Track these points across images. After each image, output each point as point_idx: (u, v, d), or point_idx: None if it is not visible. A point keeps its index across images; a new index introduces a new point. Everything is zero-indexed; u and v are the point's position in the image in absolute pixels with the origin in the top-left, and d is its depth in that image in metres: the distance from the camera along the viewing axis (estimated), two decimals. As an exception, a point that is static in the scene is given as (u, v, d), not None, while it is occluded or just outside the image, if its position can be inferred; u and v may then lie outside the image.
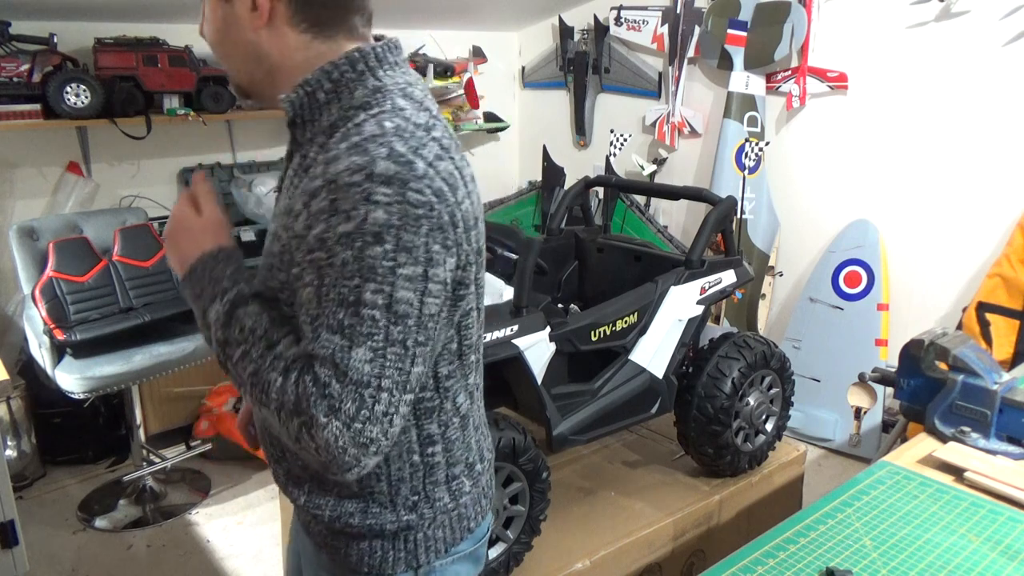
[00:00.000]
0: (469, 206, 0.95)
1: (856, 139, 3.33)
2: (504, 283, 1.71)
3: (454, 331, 1.01)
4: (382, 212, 0.84)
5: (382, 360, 0.87)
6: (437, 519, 1.07)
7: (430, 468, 1.05)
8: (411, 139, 0.89)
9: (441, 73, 4.11)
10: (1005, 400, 1.52)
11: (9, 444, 2.98)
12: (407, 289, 0.87)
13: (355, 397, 0.86)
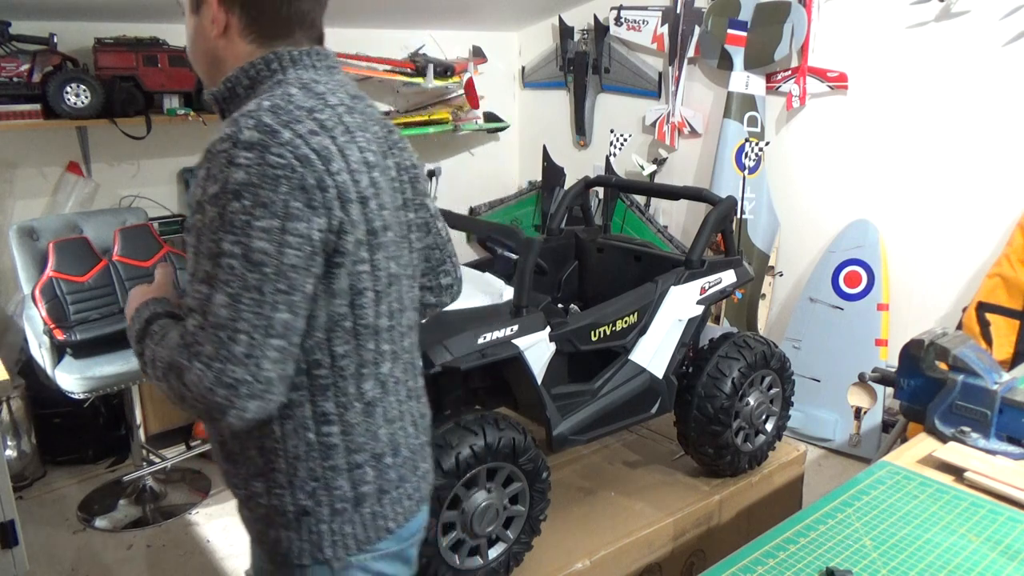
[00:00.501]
0: (350, 182, 1.02)
1: (856, 139, 3.33)
2: (504, 283, 1.71)
3: (347, 308, 1.06)
4: (242, 173, 0.94)
5: (238, 304, 0.94)
6: (338, 509, 1.09)
7: (327, 449, 1.08)
8: (283, 115, 1.00)
9: (441, 73, 4.11)
10: (1005, 400, 1.52)
11: (9, 444, 2.98)
12: (263, 240, 0.94)
13: (213, 339, 0.94)
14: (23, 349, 3.08)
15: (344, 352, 1.07)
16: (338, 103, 1.07)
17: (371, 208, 1.06)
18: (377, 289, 1.09)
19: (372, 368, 1.10)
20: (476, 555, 1.54)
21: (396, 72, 4.07)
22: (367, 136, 1.08)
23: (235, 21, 1.08)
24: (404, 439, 1.17)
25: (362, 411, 1.10)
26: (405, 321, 1.18)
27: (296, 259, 0.97)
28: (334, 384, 1.07)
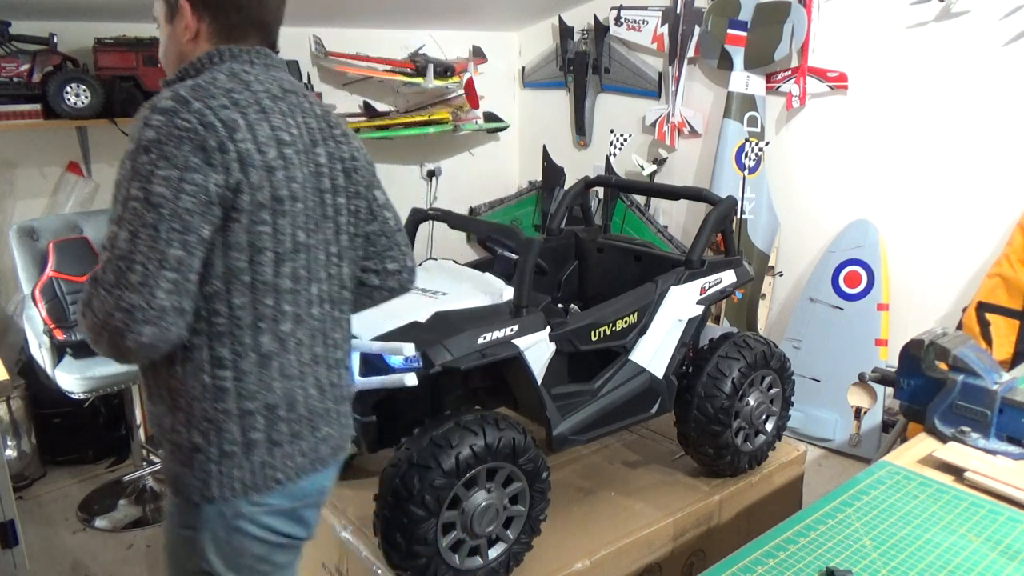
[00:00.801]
0: (255, 151, 1.18)
1: (856, 139, 3.33)
2: (504, 283, 1.71)
3: (246, 263, 1.19)
4: (152, 132, 1.11)
5: (136, 239, 1.10)
6: (226, 451, 1.21)
7: (220, 392, 1.20)
8: (200, 91, 1.16)
9: (441, 73, 4.11)
10: (1005, 400, 1.52)
11: (9, 444, 2.98)
12: (162, 186, 1.10)
13: (114, 269, 1.10)
14: (23, 349, 3.08)
15: (241, 304, 1.20)
16: (261, 90, 1.24)
17: (277, 178, 1.21)
18: (278, 251, 1.22)
19: (270, 324, 1.23)
20: (476, 555, 1.54)
21: (396, 72, 4.07)
22: (287, 121, 1.25)
23: (204, 27, 1.27)
24: (303, 398, 1.28)
25: (256, 362, 1.22)
26: (315, 290, 1.29)
27: (191, 204, 1.11)
28: (230, 332, 1.20)
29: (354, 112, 4.14)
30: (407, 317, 1.57)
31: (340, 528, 1.78)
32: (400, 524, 1.42)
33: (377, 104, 4.22)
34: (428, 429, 1.47)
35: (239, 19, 1.28)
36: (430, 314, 1.57)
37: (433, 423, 1.49)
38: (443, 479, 1.41)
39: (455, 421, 1.47)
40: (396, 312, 1.60)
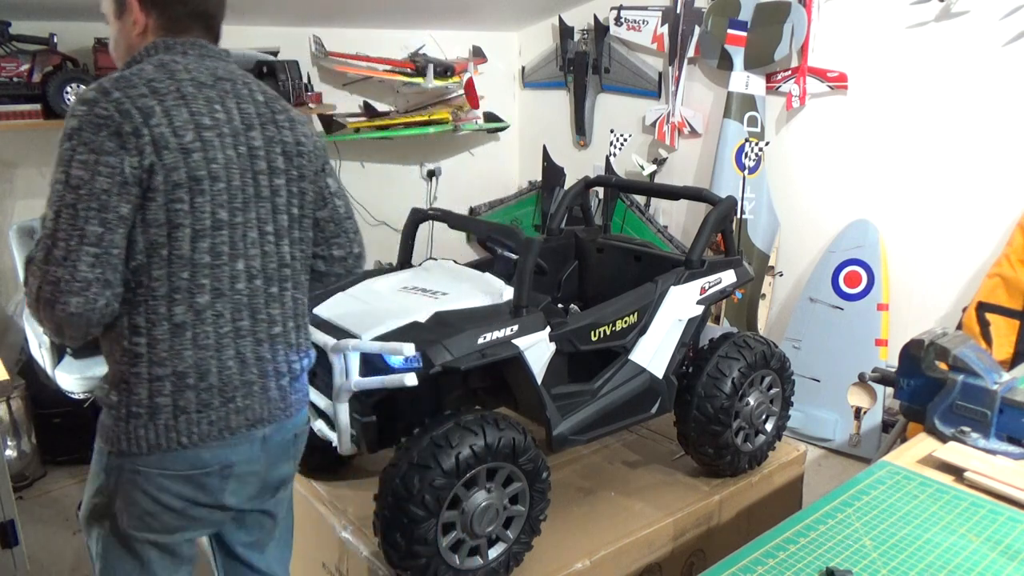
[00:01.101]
0: (170, 135, 1.27)
1: (856, 139, 3.33)
2: (504, 283, 1.71)
3: (164, 238, 1.28)
4: (76, 121, 1.23)
5: (59, 218, 1.21)
6: (132, 411, 1.31)
7: (134, 357, 1.30)
8: (123, 82, 1.26)
9: (441, 73, 4.11)
10: (1005, 400, 1.52)
11: (9, 444, 2.98)
12: (80, 168, 1.21)
13: (42, 247, 1.22)
14: (23, 349, 3.08)
15: (158, 276, 1.29)
16: (186, 78, 1.33)
17: (194, 159, 1.29)
18: (196, 227, 1.30)
19: (185, 295, 1.31)
20: (476, 555, 1.54)
21: (396, 72, 4.07)
22: (212, 107, 1.34)
23: (151, 22, 1.36)
24: (217, 369, 1.35)
25: (169, 330, 1.31)
26: (242, 266, 1.37)
27: (106, 184, 1.22)
28: (146, 302, 1.29)
29: (354, 112, 4.14)
30: (407, 317, 1.57)
31: (340, 528, 1.78)
32: (400, 524, 1.42)
33: (377, 104, 4.22)
34: (428, 429, 1.47)
35: (184, 12, 1.37)
36: (430, 314, 1.57)
37: (433, 423, 1.48)
38: (443, 479, 1.41)
39: (455, 421, 1.47)
40: (396, 312, 1.60)
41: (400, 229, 1.99)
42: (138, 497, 1.35)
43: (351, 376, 1.49)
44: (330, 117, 3.94)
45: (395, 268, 1.94)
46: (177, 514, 1.39)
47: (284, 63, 3.64)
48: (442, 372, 1.47)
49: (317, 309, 1.71)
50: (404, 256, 1.93)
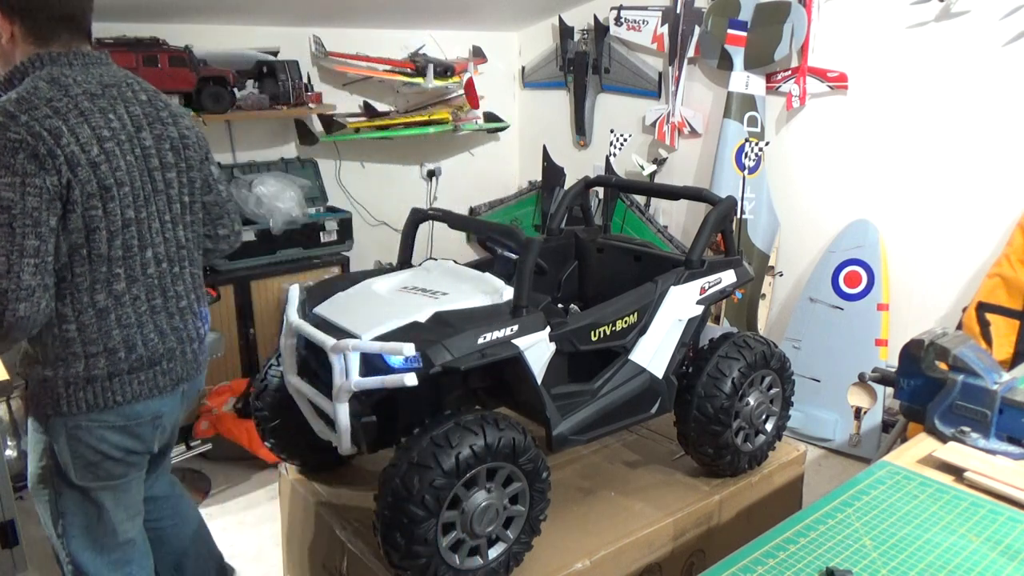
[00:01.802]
0: (79, 152, 1.42)
1: (856, 139, 3.33)
2: (504, 283, 1.71)
3: (83, 240, 1.47)
4: None
5: None
6: (71, 382, 1.53)
7: (66, 341, 1.52)
8: (24, 104, 1.39)
9: (441, 73, 4.11)
10: (1005, 400, 1.52)
11: (9, 444, 2.98)
12: (8, 191, 1.35)
13: None
14: (23, 349, 3.07)
15: (80, 272, 1.49)
16: (80, 92, 1.46)
17: (102, 171, 1.46)
18: (111, 229, 1.50)
19: (104, 285, 1.52)
20: (476, 555, 1.54)
21: (396, 72, 4.07)
22: (108, 117, 1.48)
23: (17, 29, 1.47)
24: (142, 342, 1.60)
25: (95, 315, 1.53)
26: (150, 254, 1.58)
27: (35, 202, 1.37)
28: (71, 294, 1.49)
29: (354, 112, 4.14)
30: (407, 317, 1.57)
31: (340, 528, 1.78)
32: (400, 524, 1.42)
33: (377, 104, 4.22)
34: (428, 429, 1.47)
35: (47, 17, 1.47)
36: (430, 314, 1.57)
37: (433, 423, 1.48)
38: (443, 479, 1.41)
39: (455, 421, 1.47)
40: (396, 312, 1.60)
41: (400, 229, 1.99)
42: (82, 450, 1.58)
43: (351, 376, 1.49)
44: (330, 117, 3.94)
45: (395, 268, 1.94)
46: (117, 462, 1.64)
47: (284, 63, 3.64)
48: (442, 372, 1.47)
49: (317, 309, 1.71)
50: (404, 256, 1.93)
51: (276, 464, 2.18)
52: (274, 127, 3.95)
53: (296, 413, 1.74)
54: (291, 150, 4.03)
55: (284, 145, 4.01)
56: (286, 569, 2.19)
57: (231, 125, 3.77)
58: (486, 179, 4.82)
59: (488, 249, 1.97)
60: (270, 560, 2.67)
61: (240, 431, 3.17)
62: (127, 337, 1.57)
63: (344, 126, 3.98)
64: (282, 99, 3.63)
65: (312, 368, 1.70)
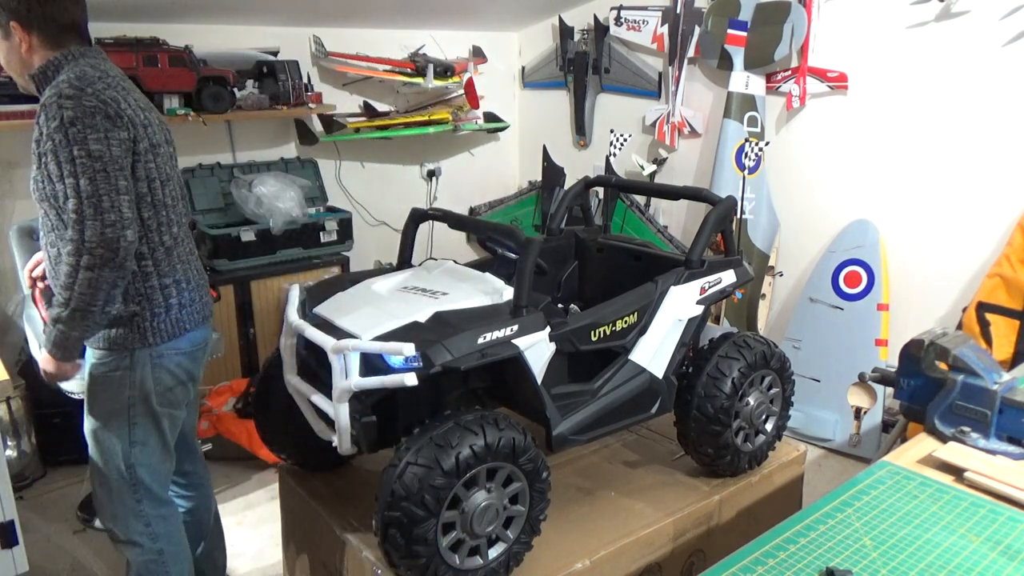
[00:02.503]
0: (134, 115, 1.75)
1: (856, 139, 3.33)
2: (504, 283, 1.71)
3: (147, 188, 1.78)
4: (69, 112, 1.64)
5: (95, 180, 1.64)
6: (155, 313, 1.83)
7: (145, 275, 1.82)
8: (83, 81, 1.68)
9: (441, 73, 4.11)
10: (1005, 400, 1.52)
11: (9, 444, 2.98)
12: (97, 143, 1.65)
13: (89, 205, 1.64)
14: (23, 349, 3.08)
15: (148, 216, 1.80)
16: (116, 75, 1.79)
17: (149, 132, 1.79)
18: (162, 179, 1.83)
19: (167, 227, 1.85)
20: (476, 555, 1.54)
21: (396, 72, 4.07)
22: (135, 96, 1.81)
23: (35, 39, 1.75)
24: (194, 276, 1.94)
25: (164, 252, 1.85)
26: (181, 207, 1.93)
27: (118, 151, 1.68)
28: (145, 235, 1.80)
29: (354, 112, 4.14)
30: (407, 317, 1.57)
31: (340, 528, 1.78)
32: (400, 524, 1.42)
33: (377, 104, 4.22)
34: (428, 429, 1.47)
35: (58, 27, 1.75)
36: (430, 314, 1.57)
37: (433, 423, 1.48)
38: (443, 479, 1.41)
39: (455, 421, 1.47)
40: (396, 312, 1.60)
41: (400, 229, 1.99)
42: (163, 376, 1.87)
43: (351, 376, 1.49)
44: (330, 117, 3.94)
45: (395, 268, 1.94)
46: (183, 386, 1.94)
47: (284, 63, 3.64)
48: (442, 372, 1.47)
49: (317, 309, 1.71)
50: (404, 256, 1.93)
51: (276, 464, 2.18)
52: (274, 127, 3.95)
53: (296, 413, 1.74)
54: (291, 150, 4.03)
55: (284, 145, 4.01)
56: (286, 569, 2.19)
57: (231, 125, 3.77)
58: (486, 179, 4.82)
59: (488, 249, 1.97)
60: (270, 560, 2.67)
61: (240, 431, 3.17)
62: (185, 272, 1.89)
63: (344, 126, 3.98)
64: (282, 99, 3.63)
65: (312, 368, 1.70)
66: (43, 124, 1.65)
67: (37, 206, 1.78)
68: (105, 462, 1.89)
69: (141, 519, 1.94)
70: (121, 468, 1.89)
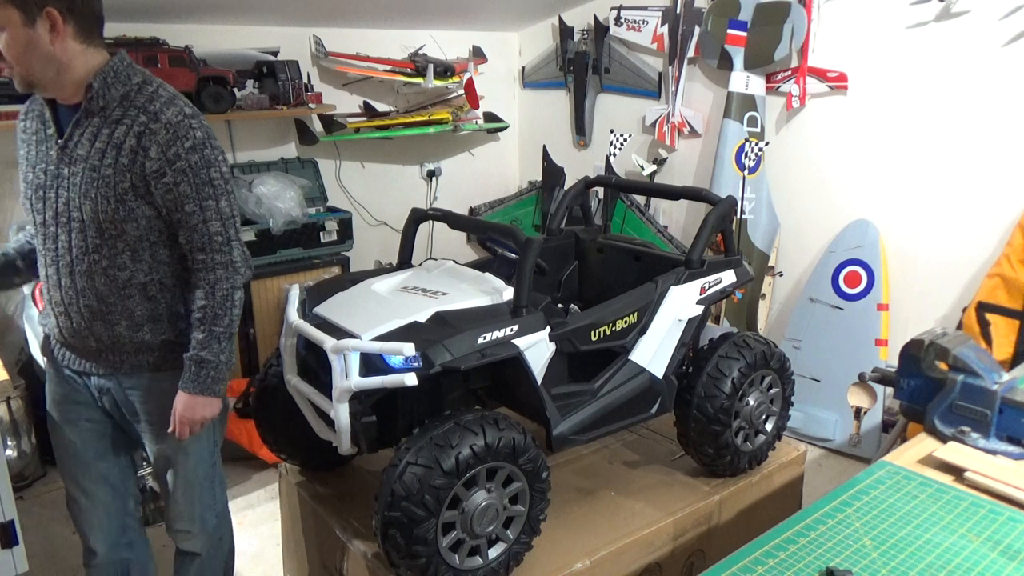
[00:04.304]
0: None
1: (856, 139, 3.33)
2: (504, 283, 1.71)
3: None
4: (202, 132, 1.61)
5: (230, 201, 1.67)
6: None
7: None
8: (181, 99, 1.63)
9: (441, 73, 4.11)
10: (1005, 400, 1.52)
11: (9, 444, 2.98)
12: (224, 164, 1.65)
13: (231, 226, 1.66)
14: (23, 349, 3.08)
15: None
16: None
17: None
18: None
19: None
20: (476, 555, 1.54)
21: (396, 72, 4.07)
22: None
23: (71, 29, 1.54)
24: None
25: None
26: None
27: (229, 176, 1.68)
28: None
29: (354, 112, 4.14)
30: (407, 317, 1.57)
31: (340, 528, 1.78)
32: (400, 524, 1.42)
33: (377, 104, 4.22)
34: (428, 429, 1.47)
35: (93, 19, 1.58)
36: (430, 314, 1.57)
37: (433, 423, 1.49)
38: (443, 479, 1.41)
39: (455, 421, 1.47)
40: (396, 312, 1.60)
41: (400, 229, 1.99)
42: None
43: (351, 376, 1.49)
44: (330, 117, 3.94)
45: (395, 268, 1.94)
46: None
47: (284, 63, 3.64)
48: (442, 372, 1.47)
49: (317, 309, 1.72)
50: (404, 256, 1.93)
51: (276, 464, 2.18)
52: (274, 127, 3.95)
53: (296, 413, 1.74)
54: (291, 150, 4.03)
55: (284, 145, 4.01)
56: (286, 569, 2.19)
57: (231, 125, 3.77)
58: (486, 179, 4.82)
59: (488, 249, 1.97)
60: (270, 560, 2.67)
61: (240, 431, 3.17)
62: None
63: (344, 126, 3.98)
64: (282, 99, 3.63)
65: (312, 368, 1.70)
66: (171, 141, 1.55)
67: (66, 225, 1.64)
68: (194, 468, 1.83)
69: (219, 510, 1.93)
70: (208, 469, 1.86)
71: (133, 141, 1.55)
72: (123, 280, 1.65)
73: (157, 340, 1.71)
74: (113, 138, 1.57)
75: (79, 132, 1.59)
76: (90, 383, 1.78)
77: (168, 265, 1.68)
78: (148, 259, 1.65)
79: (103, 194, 1.57)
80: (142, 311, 1.68)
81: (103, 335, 1.68)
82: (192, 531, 1.91)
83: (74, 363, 1.77)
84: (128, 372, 1.73)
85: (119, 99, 1.58)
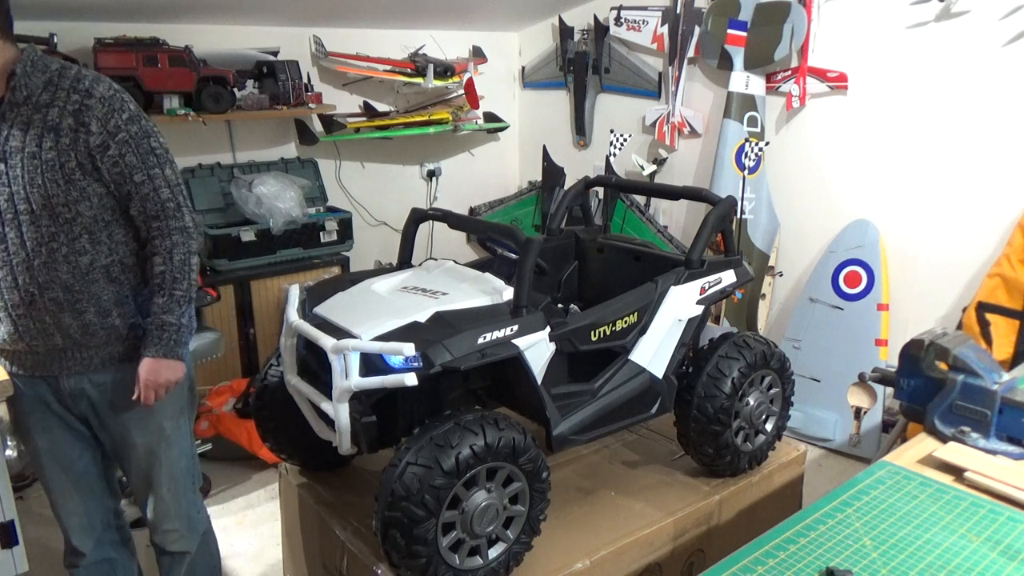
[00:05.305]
0: None
1: (856, 139, 3.33)
2: (504, 283, 1.71)
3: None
4: (133, 105, 1.66)
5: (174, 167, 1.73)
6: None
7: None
8: (105, 77, 1.67)
9: (441, 73, 4.10)
10: (1005, 400, 1.52)
11: (9, 444, 2.98)
12: (160, 134, 1.71)
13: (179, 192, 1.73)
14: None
15: None
16: None
17: None
18: None
19: None
20: (476, 555, 1.54)
21: (396, 72, 4.07)
22: None
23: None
24: None
25: None
26: None
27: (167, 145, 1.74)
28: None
29: (354, 112, 4.14)
30: (407, 317, 1.57)
31: (340, 528, 1.78)
32: (400, 524, 1.42)
33: (377, 104, 4.22)
34: (428, 429, 1.47)
35: (3, 14, 1.59)
36: (430, 314, 1.57)
37: (433, 423, 1.48)
38: (443, 479, 1.41)
39: (455, 421, 1.47)
40: (396, 312, 1.60)
41: (400, 229, 1.99)
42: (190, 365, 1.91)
43: (351, 376, 1.49)
44: (330, 117, 3.94)
45: (395, 268, 1.94)
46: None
47: (284, 63, 3.64)
48: (442, 372, 1.47)
49: (317, 309, 1.72)
50: (404, 256, 1.93)
51: (276, 464, 2.18)
52: (274, 127, 3.94)
53: (296, 413, 1.74)
54: (291, 150, 4.03)
55: (284, 145, 4.01)
56: (286, 569, 2.19)
57: (231, 125, 3.77)
58: (486, 179, 4.82)
59: (488, 249, 1.97)
60: (270, 560, 2.67)
61: (240, 431, 3.17)
62: None
63: (344, 126, 3.98)
64: (282, 99, 3.63)
65: (312, 368, 1.70)
66: (109, 114, 1.60)
67: (13, 221, 1.59)
68: (177, 459, 1.88)
69: (199, 506, 1.98)
70: (189, 462, 1.91)
71: (70, 120, 1.58)
72: (85, 265, 1.66)
73: (126, 324, 1.74)
74: (47, 121, 1.58)
75: (7, 125, 1.59)
76: (61, 386, 1.76)
77: (126, 244, 1.72)
78: (106, 240, 1.68)
79: (50, 178, 1.58)
80: (108, 295, 1.70)
81: (72, 327, 1.68)
82: (180, 530, 1.94)
83: (38, 369, 1.74)
84: (98, 368, 1.75)
85: (43, 85, 1.59)
